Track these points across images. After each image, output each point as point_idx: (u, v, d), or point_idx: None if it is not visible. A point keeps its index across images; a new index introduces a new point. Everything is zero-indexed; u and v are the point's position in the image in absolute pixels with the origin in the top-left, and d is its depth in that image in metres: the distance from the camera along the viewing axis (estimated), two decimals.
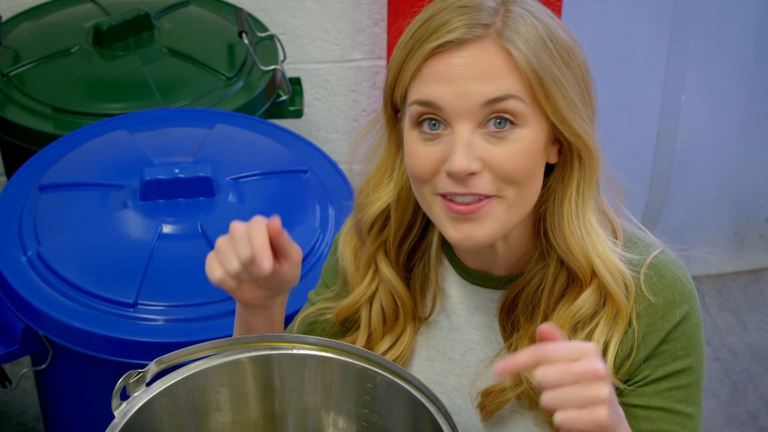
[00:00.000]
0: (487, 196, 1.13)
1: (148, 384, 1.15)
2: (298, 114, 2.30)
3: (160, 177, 1.75)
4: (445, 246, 1.28)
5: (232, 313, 1.63)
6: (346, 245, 1.30)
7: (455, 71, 1.11)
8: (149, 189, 1.75)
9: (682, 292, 1.20)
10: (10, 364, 1.91)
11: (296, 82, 2.34)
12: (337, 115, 2.66)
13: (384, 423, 1.19)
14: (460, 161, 1.11)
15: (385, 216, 1.25)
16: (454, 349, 1.28)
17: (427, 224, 1.27)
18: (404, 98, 1.16)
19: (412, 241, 1.27)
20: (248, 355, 1.19)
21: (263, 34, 2.31)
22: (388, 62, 2.53)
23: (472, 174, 1.12)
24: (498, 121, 1.11)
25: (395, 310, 1.28)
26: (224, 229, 1.72)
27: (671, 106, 2.69)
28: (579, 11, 2.53)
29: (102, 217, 1.75)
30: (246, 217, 1.76)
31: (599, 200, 1.21)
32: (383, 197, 1.24)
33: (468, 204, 1.13)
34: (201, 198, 1.76)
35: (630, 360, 1.19)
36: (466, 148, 1.11)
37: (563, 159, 1.18)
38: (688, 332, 1.19)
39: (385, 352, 1.28)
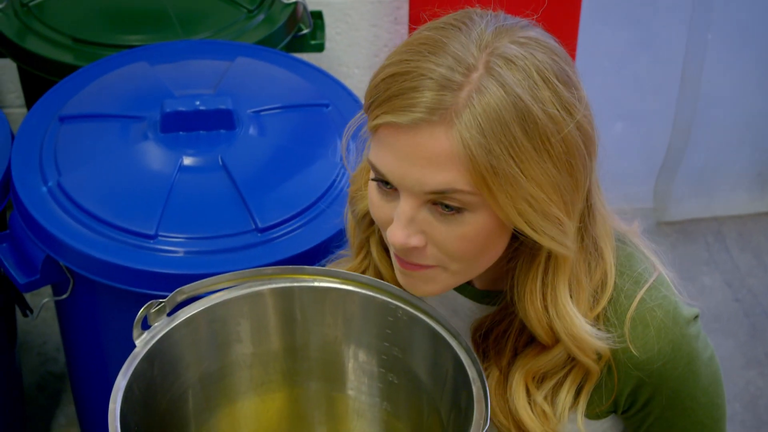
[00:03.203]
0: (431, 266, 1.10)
1: (169, 314, 1.15)
2: (320, 48, 2.28)
3: (180, 109, 1.74)
4: None
5: (252, 246, 1.64)
6: (347, 218, 1.28)
7: (402, 151, 1.03)
8: (170, 121, 1.74)
9: (671, 340, 1.13)
10: (31, 294, 1.92)
11: (318, 16, 2.32)
12: (358, 51, 2.64)
13: (404, 357, 1.18)
14: (397, 236, 1.06)
15: None
16: None
17: None
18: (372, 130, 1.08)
19: None
20: (269, 287, 1.18)
21: None
22: None
23: (414, 247, 1.07)
24: (446, 204, 1.05)
25: None
26: (245, 162, 1.73)
27: (696, 45, 2.65)
28: None
29: (122, 148, 1.74)
30: (267, 150, 1.76)
31: (592, 230, 1.12)
32: None
33: (410, 264, 1.10)
34: (222, 130, 1.76)
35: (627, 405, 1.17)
36: (406, 223, 1.06)
37: None
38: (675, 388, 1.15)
39: None
